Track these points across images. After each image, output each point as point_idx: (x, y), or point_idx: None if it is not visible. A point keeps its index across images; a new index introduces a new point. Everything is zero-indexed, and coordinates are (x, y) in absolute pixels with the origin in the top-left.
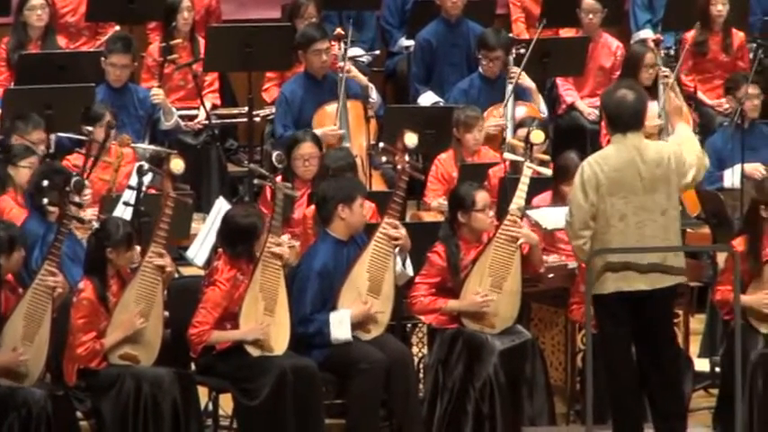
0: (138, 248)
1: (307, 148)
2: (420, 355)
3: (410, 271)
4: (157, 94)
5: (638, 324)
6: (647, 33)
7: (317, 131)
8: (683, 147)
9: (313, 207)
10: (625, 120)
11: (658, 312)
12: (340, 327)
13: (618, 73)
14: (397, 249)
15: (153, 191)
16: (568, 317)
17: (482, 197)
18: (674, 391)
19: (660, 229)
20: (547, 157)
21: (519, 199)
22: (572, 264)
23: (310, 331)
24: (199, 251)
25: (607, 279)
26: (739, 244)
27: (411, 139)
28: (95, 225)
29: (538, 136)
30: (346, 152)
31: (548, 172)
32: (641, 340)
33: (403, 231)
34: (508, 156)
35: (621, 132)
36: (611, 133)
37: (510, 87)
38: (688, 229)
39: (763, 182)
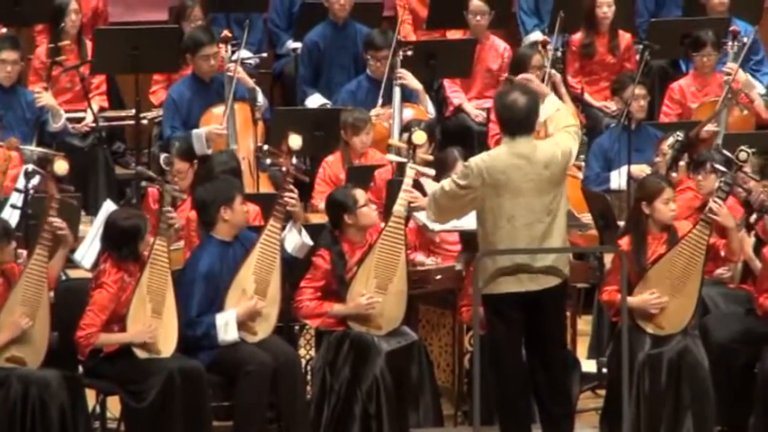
0: (19, 248)
1: (177, 164)
2: (308, 357)
3: (309, 240)
4: (39, 97)
5: (528, 325)
6: (536, 37)
7: (203, 129)
8: (559, 132)
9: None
10: (516, 123)
11: (549, 313)
12: (226, 328)
13: (505, 75)
14: (290, 222)
15: (40, 193)
16: (457, 318)
17: (360, 194)
18: (562, 392)
19: (548, 231)
20: (430, 158)
21: (403, 200)
22: (459, 265)
23: (197, 334)
24: (86, 254)
25: (498, 280)
26: (625, 244)
27: (295, 140)
28: None
29: (420, 137)
30: (231, 155)
31: (431, 173)
32: (531, 341)
33: (295, 198)
34: (391, 157)
35: (511, 135)
36: (502, 135)
37: (396, 89)
38: (576, 231)
39: (645, 179)
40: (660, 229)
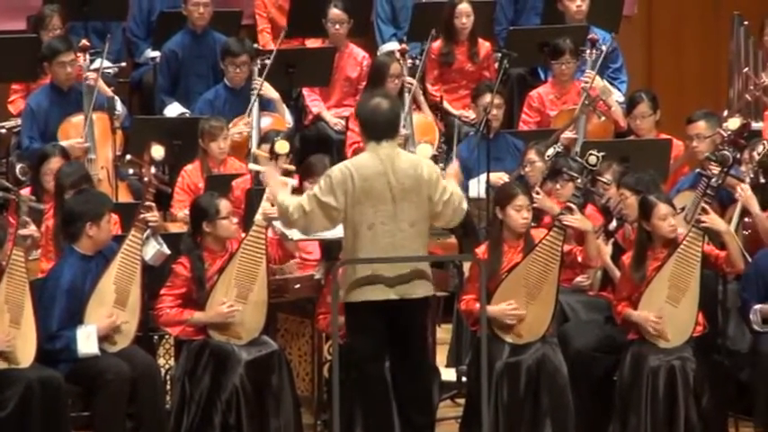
0: None
1: (56, 162)
2: (167, 366)
3: (166, 249)
4: None
5: (390, 334)
6: (392, 45)
7: (64, 143)
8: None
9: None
10: (380, 128)
11: (410, 322)
12: (87, 341)
13: (364, 83)
14: (148, 232)
15: None
16: (315, 327)
17: (225, 205)
18: (424, 402)
19: (409, 239)
20: (292, 168)
21: (264, 210)
22: (318, 274)
23: (57, 348)
24: None
25: (357, 288)
26: (482, 252)
27: (158, 151)
28: None
29: (282, 146)
30: (77, 166)
31: (293, 182)
32: (394, 351)
33: (156, 214)
34: (253, 167)
35: (376, 140)
36: (365, 141)
37: (254, 98)
38: (434, 239)
39: (503, 184)
40: (516, 236)
